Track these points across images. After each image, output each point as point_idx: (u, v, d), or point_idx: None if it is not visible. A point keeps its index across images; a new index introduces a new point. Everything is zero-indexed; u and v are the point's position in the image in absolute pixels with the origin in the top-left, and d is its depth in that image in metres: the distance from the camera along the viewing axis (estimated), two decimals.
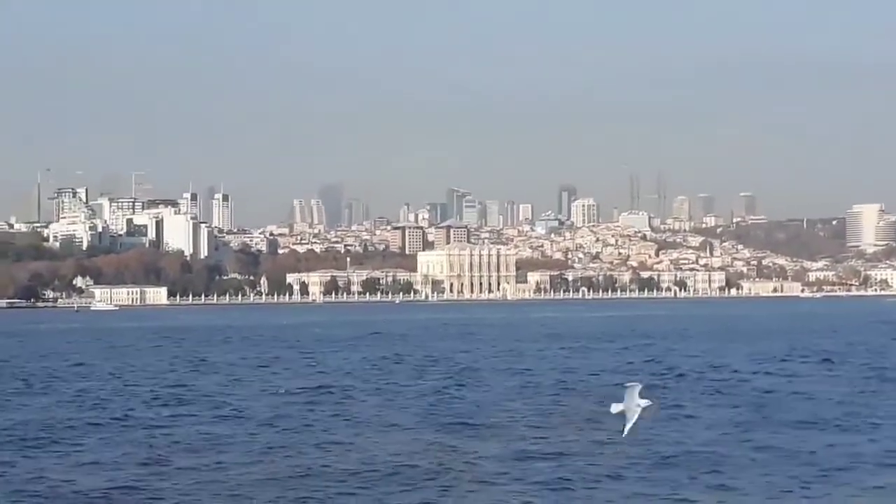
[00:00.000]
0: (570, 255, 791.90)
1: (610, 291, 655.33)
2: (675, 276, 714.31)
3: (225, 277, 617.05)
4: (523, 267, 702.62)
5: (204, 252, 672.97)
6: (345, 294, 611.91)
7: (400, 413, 59.83)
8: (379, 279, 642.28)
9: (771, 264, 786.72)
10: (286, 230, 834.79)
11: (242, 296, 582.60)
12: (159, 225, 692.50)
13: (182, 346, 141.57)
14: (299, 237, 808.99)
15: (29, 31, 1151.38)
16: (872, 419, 54.81)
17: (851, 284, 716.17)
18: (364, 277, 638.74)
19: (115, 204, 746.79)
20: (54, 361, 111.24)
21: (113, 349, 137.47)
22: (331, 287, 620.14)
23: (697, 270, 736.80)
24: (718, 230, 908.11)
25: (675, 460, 43.68)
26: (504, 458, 44.09)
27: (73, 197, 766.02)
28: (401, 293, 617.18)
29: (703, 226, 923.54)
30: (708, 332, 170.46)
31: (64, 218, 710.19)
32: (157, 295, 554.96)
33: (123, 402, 68.18)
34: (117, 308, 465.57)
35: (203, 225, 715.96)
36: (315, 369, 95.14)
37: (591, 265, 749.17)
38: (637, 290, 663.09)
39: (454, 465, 42.45)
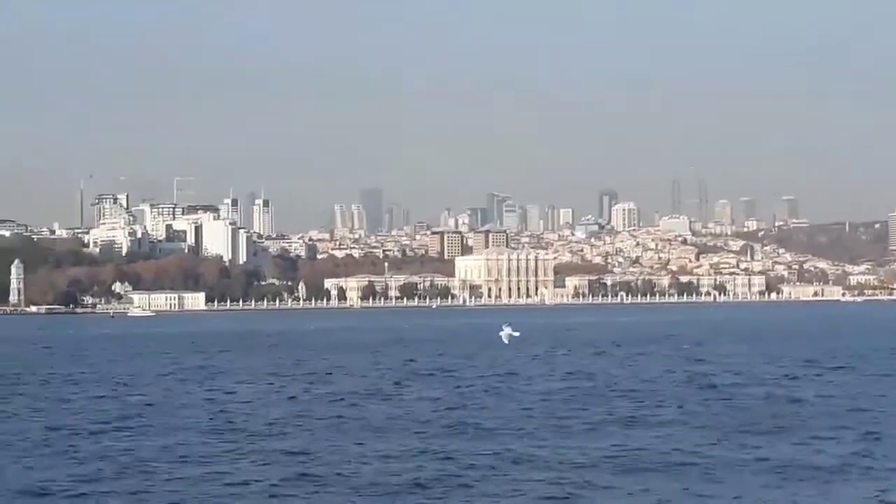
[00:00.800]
0: (609, 260, 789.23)
1: (649, 296, 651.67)
2: (715, 280, 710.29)
3: (263, 283, 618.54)
4: (562, 271, 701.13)
5: (243, 258, 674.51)
6: (382, 299, 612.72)
7: (373, 420, 58.02)
8: (417, 284, 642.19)
9: (812, 268, 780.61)
10: (327, 235, 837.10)
11: (280, 301, 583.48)
12: (198, 230, 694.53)
13: (199, 353, 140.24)
14: (339, 242, 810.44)
15: (77, 35, 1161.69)
16: (864, 428, 52.31)
17: (893, 288, 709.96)
18: (402, 282, 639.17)
19: (156, 210, 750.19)
20: (55, 368, 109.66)
21: (128, 355, 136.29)
22: (368, 292, 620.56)
23: (738, 274, 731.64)
24: (760, 234, 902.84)
25: (640, 465, 41.89)
26: (490, 465, 42.32)
27: (114, 203, 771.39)
28: (438, 298, 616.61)
29: (745, 230, 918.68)
30: (737, 336, 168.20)
31: (104, 224, 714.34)
32: (195, 301, 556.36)
33: (96, 413, 66.03)
34: (154, 314, 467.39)
35: (242, 230, 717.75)
36: (315, 377, 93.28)
37: (631, 270, 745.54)
38: (676, 295, 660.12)
39: (435, 472, 40.70)
